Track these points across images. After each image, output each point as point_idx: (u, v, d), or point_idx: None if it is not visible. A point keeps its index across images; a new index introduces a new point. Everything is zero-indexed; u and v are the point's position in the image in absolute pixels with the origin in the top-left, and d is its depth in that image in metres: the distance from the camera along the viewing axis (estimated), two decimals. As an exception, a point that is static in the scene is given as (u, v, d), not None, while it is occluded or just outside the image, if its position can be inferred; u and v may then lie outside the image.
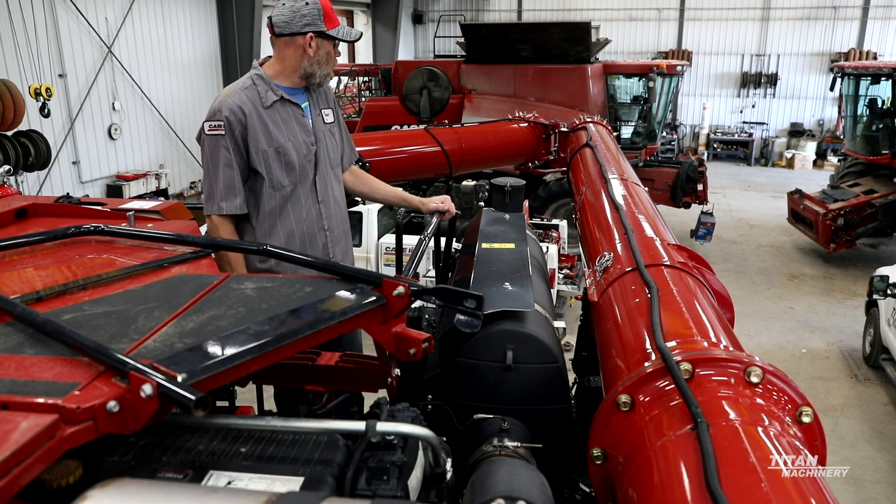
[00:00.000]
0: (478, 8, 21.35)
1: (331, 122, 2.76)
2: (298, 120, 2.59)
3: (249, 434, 1.22)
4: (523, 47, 10.40)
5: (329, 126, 2.74)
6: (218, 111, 2.45)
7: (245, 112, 2.46)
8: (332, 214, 2.73)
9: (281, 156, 2.53)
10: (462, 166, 6.41)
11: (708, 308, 1.71)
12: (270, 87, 2.54)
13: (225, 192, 2.49)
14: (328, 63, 2.57)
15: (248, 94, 2.50)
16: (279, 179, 2.54)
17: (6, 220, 1.99)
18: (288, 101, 2.56)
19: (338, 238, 2.77)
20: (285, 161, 2.54)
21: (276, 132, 2.52)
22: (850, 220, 9.43)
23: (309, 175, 2.62)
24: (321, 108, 2.71)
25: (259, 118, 2.49)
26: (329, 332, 1.32)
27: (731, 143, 19.25)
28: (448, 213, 2.80)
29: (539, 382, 1.84)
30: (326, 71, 2.58)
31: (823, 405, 5.85)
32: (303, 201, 2.62)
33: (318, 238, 2.68)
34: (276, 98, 2.53)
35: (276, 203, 2.56)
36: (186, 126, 12.93)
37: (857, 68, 11.02)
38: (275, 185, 2.54)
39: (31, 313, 1.18)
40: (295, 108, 2.59)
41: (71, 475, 1.06)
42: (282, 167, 2.53)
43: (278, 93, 2.54)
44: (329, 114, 2.76)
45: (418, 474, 1.31)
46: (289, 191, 2.57)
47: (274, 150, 2.51)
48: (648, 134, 11.13)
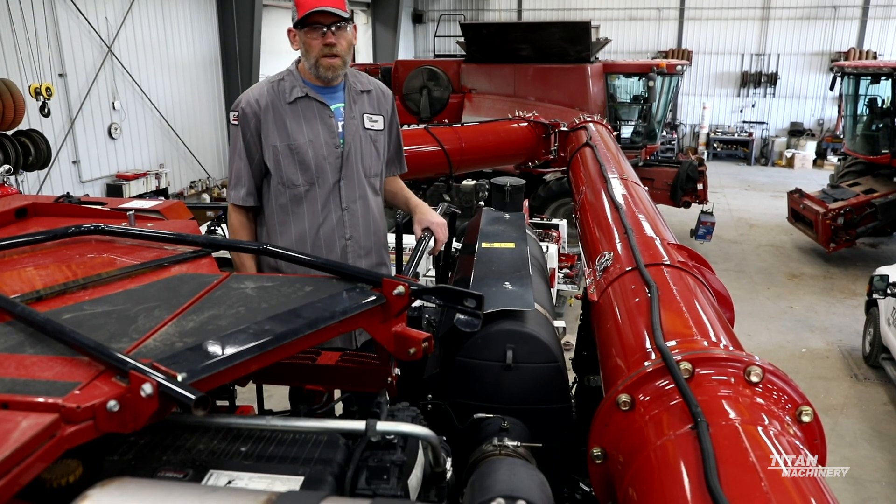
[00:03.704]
0: (478, 7, 21.34)
1: (377, 128, 2.59)
2: (324, 120, 2.48)
3: (249, 433, 1.22)
4: (523, 47, 10.40)
5: (372, 133, 2.58)
6: (239, 101, 2.48)
7: (261, 105, 2.43)
8: (359, 224, 2.57)
9: (294, 153, 2.44)
10: (462, 166, 6.42)
11: (708, 307, 1.71)
12: (298, 83, 2.47)
13: (234, 181, 2.52)
14: (310, 53, 2.40)
15: (272, 87, 2.47)
16: (290, 177, 2.46)
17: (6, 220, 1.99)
18: (314, 99, 2.47)
19: (365, 250, 2.61)
20: (299, 159, 2.45)
21: (293, 129, 2.44)
22: (849, 219, 9.43)
23: (329, 178, 2.49)
24: (364, 113, 2.56)
25: (276, 113, 2.44)
26: (329, 332, 1.32)
27: (731, 143, 19.25)
28: (437, 246, 2.61)
29: (539, 382, 1.84)
30: (311, 62, 2.41)
31: (823, 404, 5.84)
32: (320, 204, 2.50)
33: (336, 245, 2.55)
34: (300, 94, 2.45)
35: (285, 200, 2.50)
36: (186, 126, 12.93)
37: (857, 68, 11.00)
38: (285, 182, 2.47)
39: (31, 313, 1.18)
40: (322, 107, 2.48)
41: (71, 474, 1.06)
42: (295, 165, 2.45)
43: (304, 89, 2.46)
44: (378, 121, 2.59)
45: (418, 474, 1.31)
46: (302, 190, 2.48)
47: (286, 146, 2.44)
48: (648, 133, 11.13)
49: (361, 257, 2.60)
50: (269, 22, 14.21)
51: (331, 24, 2.36)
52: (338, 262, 1.79)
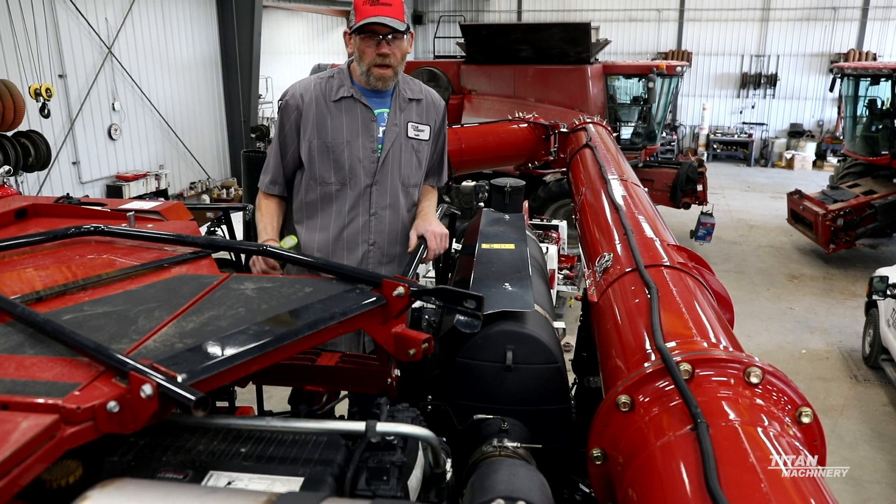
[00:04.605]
0: (478, 9, 21.35)
1: (421, 138, 2.57)
2: (365, 123, 2.46)
3: (249, 434, 1.22)
4: (523, 48, 10.40)
5: (416, 142, 2.56)
6: (285, 92, 2.50)
7: (305, 100, 2.43)
8: (385, 231, 2.54)
9: (329, 151, 2.44)
10: (462, 167, 6.41)
11: (707, 308, 1.71)
12: (346, 83, 2.46)
13: (267, 167, 2.56)
14: (363, 60, 2.39)
15: (321, 83, 2.47)
16: (322, 174, 2.46)
17: (6, 221, 1.99)
18: (358, 100, 2.45)
19: (388, 257, 2.57)
20: (333, 158, 2.44)
21: (332, 127, 2.44)
22: (849, 220, 9.43)
23: (361, 181, 2.47)
24: (409, 121, 2.54)
25: (318, 109, 2.43)
26: (329, 333, 1.32)
27: (731, 144, 19.26)
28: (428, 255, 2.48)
29: (539, 383, 1.84)
30: (363, 68, 2.40)
31: (823, 405, 5.84)
32: (348, 205, 2.49)
33: (358, 248, 2.53)
34: (346, 94, 2.44)
35: (315, 197, 2.50)
36: (186, 126, 12.94)
37: (857, 69, 11.00)
38: (316, 178, 2.48)
39: (31, 313, 1.18)
40: (365, 109, 2.46)
41: (71, 475, 1.06)
42: (329, 163, 2.45)
43: (351, 90, 2.45)
44: (424, 131, 2.58)
45: (418, 474, 1.31)
46: (333, 189, 2.47)
47: (322, 143, 2.43)
48: (648, 134, 11.13)
49: (383, 265, 2.57)
50: (269, 23, 14.23)
51: (387, 34, 2.34)
52: (338, 263, 1.79)
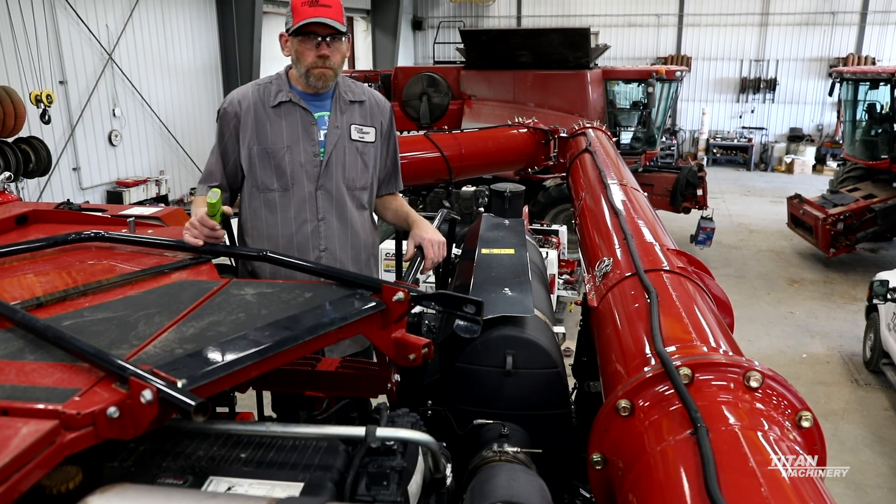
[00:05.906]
0: (477, 14, 21.40)
1: (366, 140, 2.52)
2: (306, 127, 2.44)
3: (249, 440, 1.22)
4: (523, 53, 10.42)
5: (360, 144, 2.51)
6: (224, 100, 2.49)
7: (242, 106, 2.42)
8: (335, 237, 2.51)
9: (270, 157, 2.42)
10: (462, 172, 6.42)
11: (707, 313, 1.72)
12: (283, 88, 2.45)
13: (205, 176, 2.52)
14: (301, 62, 2.35)
15: (258, 89, 2.46)
16: (263, 181, 2.44)
17: (7, 227, 2.00)
18: (297, 104, 2.43)
19: (340, 263, 2.52)
20: (275, 164, 2.42)
21: (272, 132, 2.42)
22: (849, 224, 9.43)
23: (305, 186, 2.44)
24: (352, 123, 2.49)
25: (256, 115, 2.42)
26: (329, 338, 1.32)
27: (731, 149, 19.27)
28: (425, 265, 2.45)
29: (539, 388, 1.84)
30: (302, 70, 2.37)
31: (824, 410, 5.83)
32: (293, 212, 2.46)
33: (310, 255, 2.49)
34: (284, 99, 2.43)
35: (258, 204, 2.47)
36: (187, 132, 12.95)
37: (856, 73, 11.01)
38: (258, 185, 2.45)
39: (31, 319, 1.18)
40: (304, 113, 2.44)
41: (71, 481, 1.06)
42: (270, 169, 2.43)
43: (289, 94, 2.44)
44: (368, 133, 2.53)
45: (418, 480, 1.31)
46: (276, 195, 2.45)
47: (262, 148, 2.41)
48: (648, 139, 11.13)
49: None
50: (269, 28, 14.26)
51: (326, 36, 2.32)
52: (338, 269, 1.79)
